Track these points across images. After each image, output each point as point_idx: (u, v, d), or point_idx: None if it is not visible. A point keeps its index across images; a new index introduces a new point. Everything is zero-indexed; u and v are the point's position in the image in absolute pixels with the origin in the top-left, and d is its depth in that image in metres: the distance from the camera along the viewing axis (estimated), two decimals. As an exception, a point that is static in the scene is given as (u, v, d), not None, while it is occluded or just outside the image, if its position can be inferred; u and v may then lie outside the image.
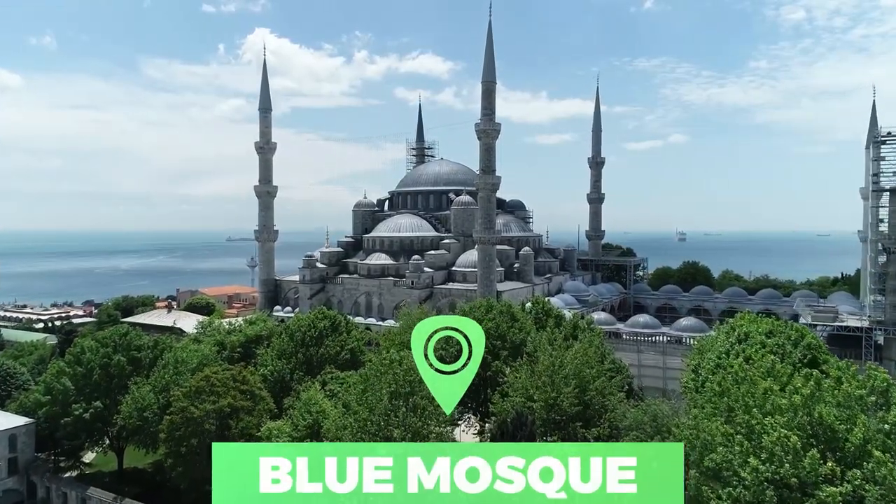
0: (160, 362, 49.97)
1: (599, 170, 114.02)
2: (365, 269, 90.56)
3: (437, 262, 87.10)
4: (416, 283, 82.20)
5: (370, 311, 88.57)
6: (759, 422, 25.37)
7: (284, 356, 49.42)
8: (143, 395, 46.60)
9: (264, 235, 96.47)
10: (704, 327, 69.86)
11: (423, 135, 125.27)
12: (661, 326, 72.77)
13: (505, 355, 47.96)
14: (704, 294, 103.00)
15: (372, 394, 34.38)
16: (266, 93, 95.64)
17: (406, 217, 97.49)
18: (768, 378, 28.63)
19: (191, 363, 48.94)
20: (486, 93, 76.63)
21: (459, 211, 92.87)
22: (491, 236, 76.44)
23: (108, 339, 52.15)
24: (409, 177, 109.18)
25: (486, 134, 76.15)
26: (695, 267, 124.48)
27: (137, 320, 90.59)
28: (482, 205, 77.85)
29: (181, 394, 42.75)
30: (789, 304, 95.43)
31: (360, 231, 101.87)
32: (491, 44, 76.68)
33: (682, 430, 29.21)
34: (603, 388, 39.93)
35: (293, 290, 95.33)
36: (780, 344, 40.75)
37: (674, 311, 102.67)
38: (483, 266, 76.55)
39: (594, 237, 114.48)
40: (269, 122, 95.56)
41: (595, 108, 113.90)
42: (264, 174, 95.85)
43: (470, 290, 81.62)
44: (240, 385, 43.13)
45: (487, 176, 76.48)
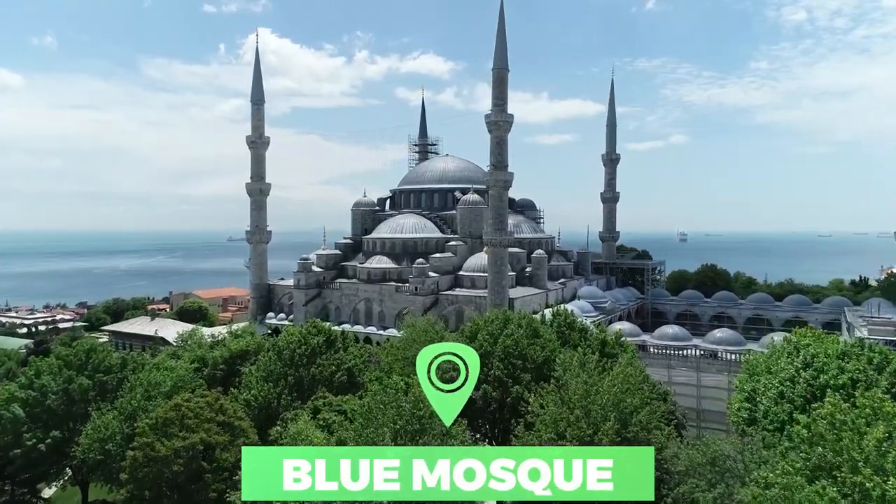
0: (126, 385, 43.28)
1: (614, 167, 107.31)
2: (365, 274, 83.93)
3: (442, 265, 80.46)
4: (420, 289, 75.58)
5: (370, 319, 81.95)
6: (877, 484, 18.99)
7: (271, 378, 42.81)
8: (106, 423, 40.04)
9: (256, 237, 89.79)
10: (740, 339, 63.23)
11: (426, 130, 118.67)
12: (692, 338, 66.04)
13: (527, 379, 41.36)
14: (728, 300, 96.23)
15: (373, 430, 28.22)
16: (259, 84, 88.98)
17: (409, 217, 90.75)
18: (878, 422, 22.01)
19: (163, 386, 42.36)
20: (497, 81, 69.96)
21: (467, 210, 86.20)
22: (503, 238, 69.82)
23: (70, 357, 45.54)
24: (412, 174, 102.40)
25: (498, 126, 69.46)
26: (714, 270, 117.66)
27: (118, 328, 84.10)
28: (493, 203, 71.18)
29: (147, 426, 36.16)
30: (820, 312, 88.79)
31: (360, 232, 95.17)
32: (503, 29, 70.04)
33: (765, 487, 22.69)
34: (648, 422, 33.32)
35: (287, 295, 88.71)
36: (860, 369, 34.17)
37: (695, 319, 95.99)
38: (494, 271, 69.92)
39: (608, 238, 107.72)
40: (261, 115, 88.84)
41: (609, 101, 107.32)
42: (256, 170, 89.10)
43: (479, 296, 75.01)
44: (216, 416, 36.55)
45: (499, 172, 69.79)
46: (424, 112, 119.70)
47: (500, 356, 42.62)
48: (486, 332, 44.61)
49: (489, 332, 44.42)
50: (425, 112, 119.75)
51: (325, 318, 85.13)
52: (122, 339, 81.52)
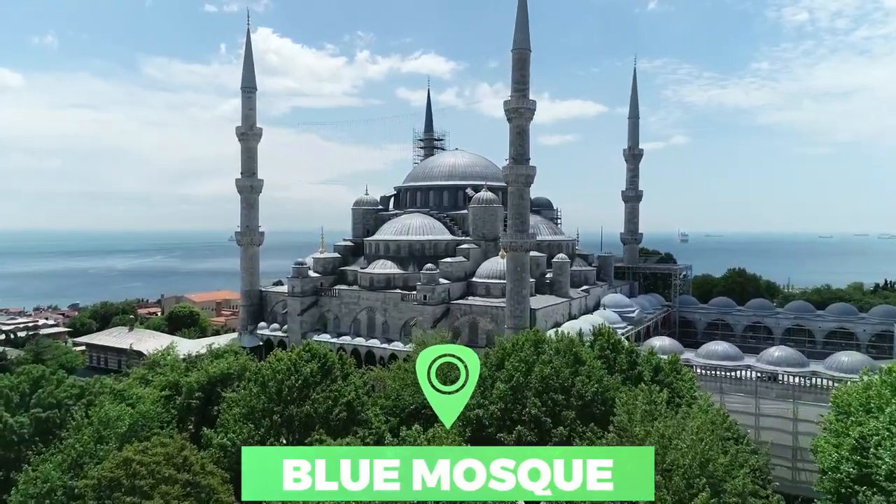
0: (73, 423, 35.00)
1: (637, 163, 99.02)
2: (367, 280, 75.61)
3: (454, 271, 72.18)
4: (429, 298, 67.29)
5: (373, 331, 73.66)
6: None
7: (254, 417, 34.68)
8: (45, 473, 31.91)
9: (247, 238, 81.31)
10: (802, 360, 54.90)
11: (432, 124, 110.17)
12: (744, 356, 57.74)
13: (571, 417, 33.17)
14: (764, 309, 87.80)
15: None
16: (250, 70, 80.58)
17: (416, 217, 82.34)
18: None
19: (120, 425, 34.19)
20: (518, 63, 61.67)
21: (480, 210, 77.91)
22: (524, 241, 61.56)
23: (11, 389, 37.37)
24: (419, 170, 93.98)
25: (519, 113, 61.18)
26: (742, 275, 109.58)
27: (93, 340, 75.81)
28: (513, 202, 62.90)
29: (89, 487, 28.09)
30: (869, 322, 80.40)
31: (361, 233, 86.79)
32: (524, 5, 61.84)
33: None
34: (744, 488, 25.28)
35: (280, 303, 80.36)
36: None
37: (728, 329, 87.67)
38: (514, 278, 61.66)
39: (630, 240, 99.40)
40: (252, 104, 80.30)
41: (632, 93, 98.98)
42: (248, 165, 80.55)
43: (495, 306, 66.77)
44: (178, 473, 28.41)
45: (519, 166, 61.49)
46: (430, 105, 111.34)
47: (535, 389, 34.49)
48: (517, 358, 36.47)
49: (521, 359, 36.28)
50: (431, 104, 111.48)
51: (323, 328, 76.96)
52: (98, 353, 73.43)
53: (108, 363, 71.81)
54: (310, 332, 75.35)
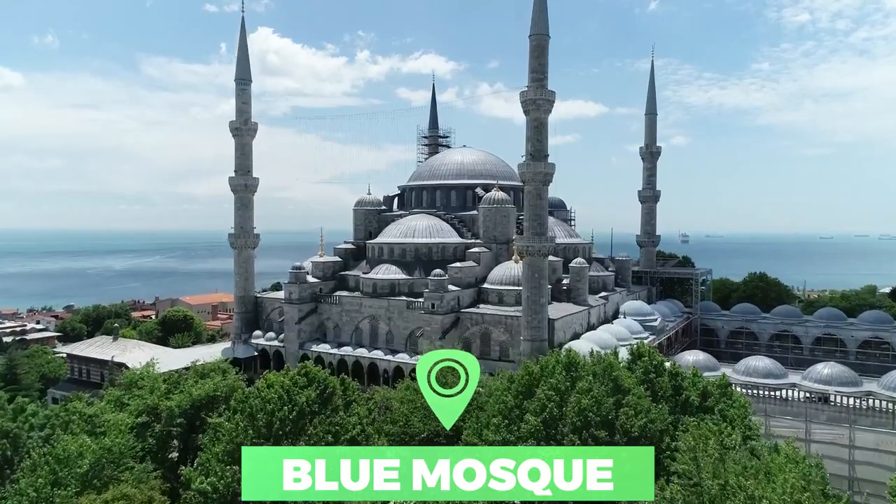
0: (28, 460, 29.71)
1: (654, 161, 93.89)
2: (369, 286, 70.28)
3: (464, 277, 66.89)
4: (437, 306, 61.98)
5: (376, 341, 68.38)
6: None
7: (239, 456, 29.42)
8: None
9: (241, 240, 75.94)
10: (854, 378, 49.55)
11: (436, 121, 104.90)
12: (788, 373, 52.37)
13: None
14: (792, 316, 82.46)
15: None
16: (244, 61, 75.37)
17: (422, 218, 76.97)
18: None
19: (81, 464, 28.91)
20: (535, 50, 56.37)
21: (491, 211, 72.63)
22: (542, 245, 56.25)
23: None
24: (425, 168, 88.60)
25: (537, 105, 55.89)
26: (764, 279, 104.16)
27: (75, 351, 70.44)
28: (530, 202, 57.58)
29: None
30: (905, 332, 75.18)
31: (364, 235, 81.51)
32: (542, -12, 56.60)
33: None
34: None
35: (277, 310, 75.05)
36: None
37: (753, 338, 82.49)
38: (531, 285, 56.37)
39: (647, 243, 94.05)
40: (247, 97, 74.93)
41: (649, 88, 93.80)
42: (241, 162, 75.14)
43: (509, 315, 61.51)
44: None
45: (538, 163, 56.20)
46: (435, 101, 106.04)
47: (573, 424, 29.19)
48: (549, 385, 31.15)
49: (553, 387, 30.97)
50: (436, 101, 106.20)
51: (322, 338, 71.68)
52: (80, 364, 68.12)
53: (91, 375, 66.56)
54: (308, 342, 70.13)
